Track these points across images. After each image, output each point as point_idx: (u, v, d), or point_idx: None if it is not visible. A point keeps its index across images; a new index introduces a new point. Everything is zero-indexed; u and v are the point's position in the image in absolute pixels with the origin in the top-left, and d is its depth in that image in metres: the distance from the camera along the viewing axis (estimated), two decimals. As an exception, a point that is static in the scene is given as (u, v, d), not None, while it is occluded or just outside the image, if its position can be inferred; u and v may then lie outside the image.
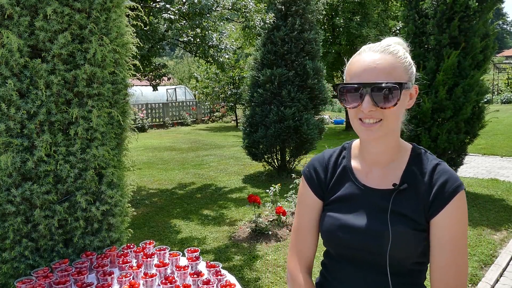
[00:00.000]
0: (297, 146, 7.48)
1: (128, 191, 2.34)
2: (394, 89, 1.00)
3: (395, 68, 1.03)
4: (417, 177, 1.08)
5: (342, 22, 14.55)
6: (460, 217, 1.04)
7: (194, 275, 1.74)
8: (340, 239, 1.11)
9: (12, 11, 1.71)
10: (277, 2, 7.29)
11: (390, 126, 1.06)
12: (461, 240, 1.03)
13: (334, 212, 1.14)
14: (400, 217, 1.05)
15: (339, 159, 1.21)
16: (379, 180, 1.12)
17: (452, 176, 1.06)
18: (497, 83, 24.38)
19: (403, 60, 1.05)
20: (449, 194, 1.03)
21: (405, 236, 1.03)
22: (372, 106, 1.02)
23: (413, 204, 1.06)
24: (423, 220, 1.05)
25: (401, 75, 1.04)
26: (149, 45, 5.88)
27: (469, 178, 7.13)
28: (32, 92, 1.78)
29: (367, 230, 1.07)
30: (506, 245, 4.31)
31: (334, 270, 1.17)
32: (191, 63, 31.09)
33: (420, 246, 1.05)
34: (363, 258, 1.09)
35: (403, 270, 1.07)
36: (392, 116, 1.04)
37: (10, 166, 1.76)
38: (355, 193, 1.13)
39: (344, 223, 1.11)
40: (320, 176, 1.20)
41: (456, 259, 1.03)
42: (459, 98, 5.38)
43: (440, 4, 5.49)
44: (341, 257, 1.14)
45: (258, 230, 4.71)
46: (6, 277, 1.87)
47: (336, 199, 1.16)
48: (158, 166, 9.14)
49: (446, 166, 1.09)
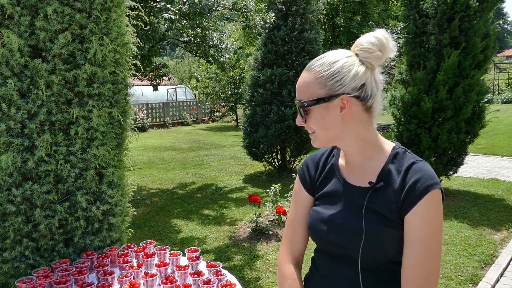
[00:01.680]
0: (297, 146, 7.49)
1: (129, 191, 2.34)
2: (301, 107, 1.10)
3: (308, 85, 1.09)
4: (393, 176, 1.10)
5: (343, 22, 14.55)
6: (430, 216, 1.03)
7: (194, 274, 1.74)
8: (319, 232, 1.16)
9: (12, 11, 1.71)
10: (277, 2, 7.29)
11: (327, 136, 1.12)
12: (431, 240, 1.03)
13: (318, 207, 1.20)
14: (374, 214, 1.08)
15: (329, 157, 1.27)
16: (359, 177, 1.15)
17: (425, 175, 1.06)
18: (498, 83, 24.36)
19: (321, 74, 1.08)
20: (419, 192, 1.03)
21: (378, 233, 1.06)
22: (299, 120, 1.13)
23: (387, 202, 1.08)
24: (397, 218, 1.06)
25: (315, 90, 1.08)
26: (149, 45, 5.88)
27: (469, 178, 7.13)
28: (32, 92, 1.78)
29: (343, 225, 1.11)
30: (506, 245, 4.31)
31: (319, 264, 1.22)
32: (191, 63, 31.09)
33: (394, 245, 1.06)
34: (340, 252, 1.13)
35: (377, 267, 1.09)
36: (319, 129, 1.12)
37: (11, 166, 1.76)
38: (338, 189, 1.18)
39: (324, 217, 1.16)
40: (311, 173, 1.26)
41: (425, 258, 1.02)
42: (460, 98, 5.38)
43: (440, 4, 5.48)
44: (324, 251, 1.20)
45: (258, 230, 4.71)
46: (6, 276, 1.87)
47: (323, 194, 1.21)
48: (158, 166, 9.14)
49: (422, 165, 1.08)
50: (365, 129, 1.12)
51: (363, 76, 1.07)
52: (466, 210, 5.38)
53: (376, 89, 1.11)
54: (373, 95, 1.10)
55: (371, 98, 1.09)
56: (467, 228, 4.76)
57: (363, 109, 1.10)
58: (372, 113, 1.12)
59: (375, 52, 1.06)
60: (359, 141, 1.13)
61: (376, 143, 1.15)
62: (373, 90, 1.09)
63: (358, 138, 1.13)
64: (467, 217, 5.11)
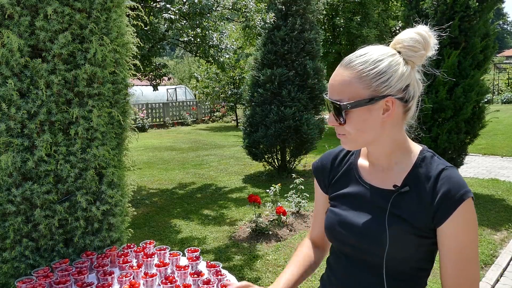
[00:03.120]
0: (297, 146, 7.48)
1: (129, 191, 2.34)
2: (342, 109, 1.00)
3: (350, 85, 1.00)
4: (420, 181, 1.04)
5: (343, 22, 14.54)
6: (467, 225, 1.00)
7: (194, 275, 1.74)
8: (338, 234, 1.12)
9: (12, 11, 1.71)
10: (277, 2, 7.29)
11: (364, 139, 1.05)
12: (470, 250, 1.00)
13: (336, 208, 1.16)
14: (398, 220, 1.03)
15: (348, 155, 1.22)
16: (382, 180, 1.10)
17: (458, 182, 1.01)
18: (498, 83, 24.36)
19: (365, 73, 0.99)
20: (454, 202, 0.99)
21: (402, 239, 1.01)
22: (333, 121, 1.04)
23: (414, 208, 1.03)
24: (424, 227, 1.02)
25: (357, 91, 0.99)
26: (149, 45, 5.88)
27: (469, 178, 7.13)
28: (32, 92, 1.78)
29: (364, 229, 1.06)
30: (506, 245, 4.31)
31: (334, 265, 1.19)
32: (191, 63, 31.08)
33: (418, 252, 1.03)
34: (359, 256, 1.09)
35: (401, 274, 1.05)
36: (356, 132, 1.02)
37: (11, 165, 1.76)
38: (357, 191, 1.13)
39: (343, 220, 1.11)
40: (326, 170, 1.24)
41: (466, 268, 1.00)
42: (460, 98, 5.38)
43: (440, 4, 5.48)
44: (341, 253, 1.16)
45: (258, 230, 4.71)
46: (6, 276, 1.87)
47: (340, 195, 1.17)
48: (158, 166, 9.14)
49: (453, 172, 1.03)
50: (399, 132, 1.07)
51: (408, 77, 1.02)
52: (466, 210, 5.38)
53: (418, 90, 1.06)
54: (415, 96, 1.05)
55: (413, 99, 1.05)
56: (467, 228, 4.76)
57: (403, 111, 1.05)
58: (407, 115, 1.07)
59: (420, 50, 1.01)
60: (391, 144, 1.08)
61: (405, 146, 1.10)
62: (415, 91, 1.05)
63: (392, 141, 1.07)
64: (467, 217, 5.11)
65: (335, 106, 1.01)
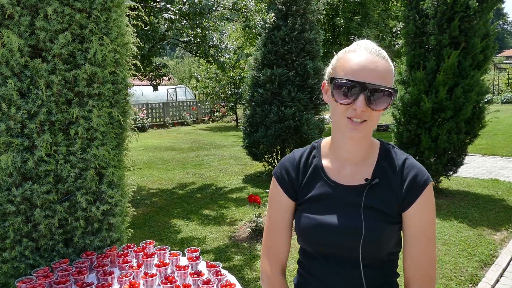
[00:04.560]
0: (297, 146, 7.48)
1: (129, 191, 2.34)
2: (389, 95, 1.03)
3: (388, 74, 1.06)
4: (387, 172, 1.12)
5: (343, 22, 14.55)
6: (430, 207, 1.10)
7: (194, 275, 1.74)
8: (316, 238, 1.13)
9: (12, 11, 1.71)
10: (277, 2, 7.29)
11: (372, 127, 1.09)
12: (431, 229, 1.10)
13: (308, 212, 1.15)
14: (373, 212, 1.09)
15: (310, 158, 1.21)
16: (351, 177, 1.14)
17: (420, 169, 1.11)
18: (498, 83, 24.36)
19: (392, 67, 1.09)
20: (420, 187, 1.09)
21: (379, 229, 1.07)
22: (365, 106, 1.02)
23: (385, 198, 1.10)
24: (395, 213, 1.10)
25: (391, 81, 1.07)
26: (149, 45, 5.88)
27: (469, 178, 7.13)
28: (32, 91, 1.79)
29: (342, 227, 1.09)
30: (506, 245, 4.31)
31: (311, 267, 1.18)
32: (191, 63, 31.10)
33: (393, 238, 1.11)
34: (339, 254, 1.11)
35: (378, 262, 1.11)
36: (376, 118, 1.08)
37: (11, 165, 1.76)
38: (328, 192, 1.14)
39: (319, 222, 1.12)
40: (292, 176, 1.20)
41: (428, 246, 1.10)
42: (460, 98, 5.38)
43: (440, 4, 5.48)
44: (318, 254, 1.15)
45: (258, 230, 4.71)
46: (6, 276, 1.87)
47: (310, 198, 1.16)
48: (158, 166, 9.14)
49: (414, 161, 1.14)
50: None
51: None
52: (466, 211, 5.38)
53: None
54: None
55: None
56: (467, 229, 4.76)
57: None
58: None
59: None
60: (370, 138, 1.15)
61: (371, 141, 1.17)
62: None
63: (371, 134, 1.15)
64: (467, 218, 5.11)
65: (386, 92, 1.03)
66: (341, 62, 1.08)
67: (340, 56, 1.11)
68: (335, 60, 1.12)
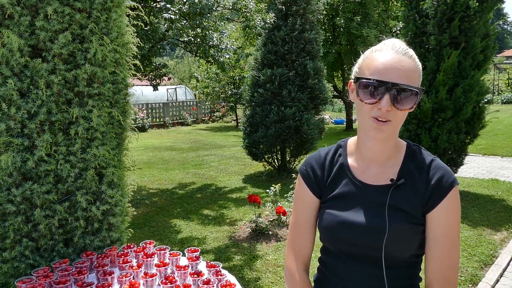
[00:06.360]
0: (297, 146, 7.48)
1: (129, 191, 2.34)
2: (416, 94, 1.03)
3: (414, 73, 1.04)
4: (413, 173, 1.11)
5: (343, 22, 14.53)
6: (455, 210, 1.08)
7: (194, 275, 1.74)
8: (339, 235, 1.13)
9: (12, 10, 1.71)
10: (277, 2, 7.29)
11: (397, 127, 1.08)
12: (455, 232, 1.08)
13: (333, 209, 1.15)
14: (397, 212, 1.08)
15: (335, 157, 1.22)
16: (377, 176, 1.13)
17: (447, 171, 1.10)
18: (498, 83, 24.37)
19: (419, 66, 1.07)
20: (445, 189, 1.07)
21: (403, 230, 1.06)
22: (390, 106, 1.02)
23: (410, 199, 1.09)
24: (419, 214, 1.08)
25: (417, 80, 1.05)
26: (149, 45, 5.88)
27: (469, 179, 7.13)
28: (32, 91, 1.79)
29: (366, 226, 1.09)
30: (506, 245, 4.31)
31: (333, 265, 1.18)
32: (191, 63, 31.11)
33: (417, 239, 1.09)
34: (361, 253, 1.11)
35: (400, 263, 1.10)
36: (401, 118, 1.07)
37: (11, 165, 1.76)
38: (352, 190, 1.14)
39: (343, 220, 1.12)
40: (317, 174, 1.21)
41: (450, 250, 1.07)
42: (460, 98, 5.38)
43: (440, 4, 5.48)
44: (340, 252, 1.15)
45: (258, 230, 4.71)
46: (6, 276, 1.87)
47: (334, 196, 1.17)
48: (158, 166, 9.14)
49: (441, 162, 1.12)
50: None
51: None
52: (466, 211, 5.38)
53: None
54: None
55: None
56: (467, 229, 4.76)
57: None
58: None
59: None
60: (396, 138, 1.14)
61: (397, 141, 1.16)
62: None
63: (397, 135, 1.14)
64: (467, 218, 5.11)
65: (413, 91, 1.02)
66: (367, 61, 1.08)
67: (366, 55, 1.11)
68: (361, 59, 1.12)
